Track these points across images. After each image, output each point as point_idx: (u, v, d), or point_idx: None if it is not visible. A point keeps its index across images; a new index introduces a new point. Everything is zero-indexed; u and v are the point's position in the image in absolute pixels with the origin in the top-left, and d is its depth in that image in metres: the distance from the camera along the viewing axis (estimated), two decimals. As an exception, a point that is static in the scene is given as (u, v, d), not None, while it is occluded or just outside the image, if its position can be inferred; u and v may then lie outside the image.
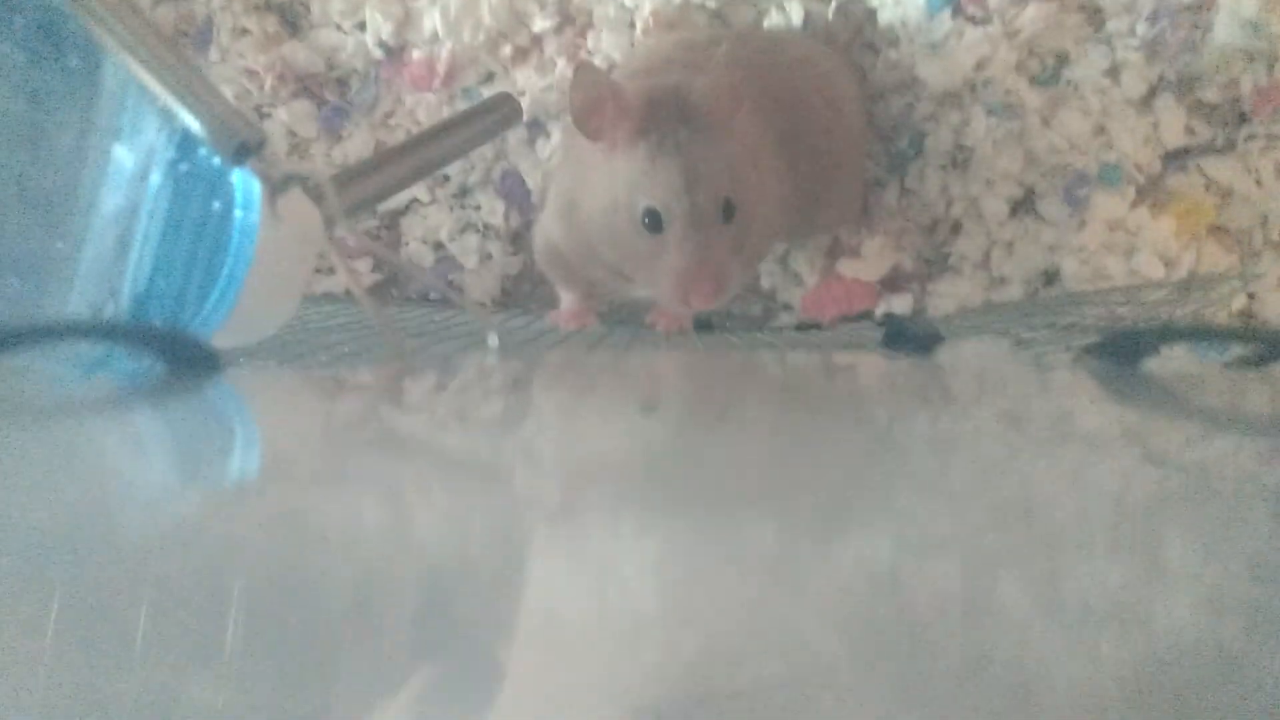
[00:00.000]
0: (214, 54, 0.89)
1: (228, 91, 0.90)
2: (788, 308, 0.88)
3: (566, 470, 0.23)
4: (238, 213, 0.32)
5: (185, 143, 0.31)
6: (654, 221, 0.55)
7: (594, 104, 0.56)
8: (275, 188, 0.29)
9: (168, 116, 0.30)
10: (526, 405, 0.28)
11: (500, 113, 0.59)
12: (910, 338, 0.42)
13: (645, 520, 0.19)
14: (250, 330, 0.38)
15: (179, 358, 0.24)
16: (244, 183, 0.31)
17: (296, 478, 0.20)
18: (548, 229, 0.67)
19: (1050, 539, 0.18)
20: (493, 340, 0.37)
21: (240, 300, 0.34)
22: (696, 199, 0.55)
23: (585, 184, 0.60)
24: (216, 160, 0.30)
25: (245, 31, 0.89)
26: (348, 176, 0.50)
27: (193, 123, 0.29)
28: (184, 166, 0.31)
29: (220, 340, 0.35)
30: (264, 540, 0.17)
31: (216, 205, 0.32)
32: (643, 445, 0.22)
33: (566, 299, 0.71)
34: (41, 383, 0.25)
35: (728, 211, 0.56)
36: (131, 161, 0.31)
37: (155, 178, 0.32)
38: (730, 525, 0.18)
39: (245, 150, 0.29)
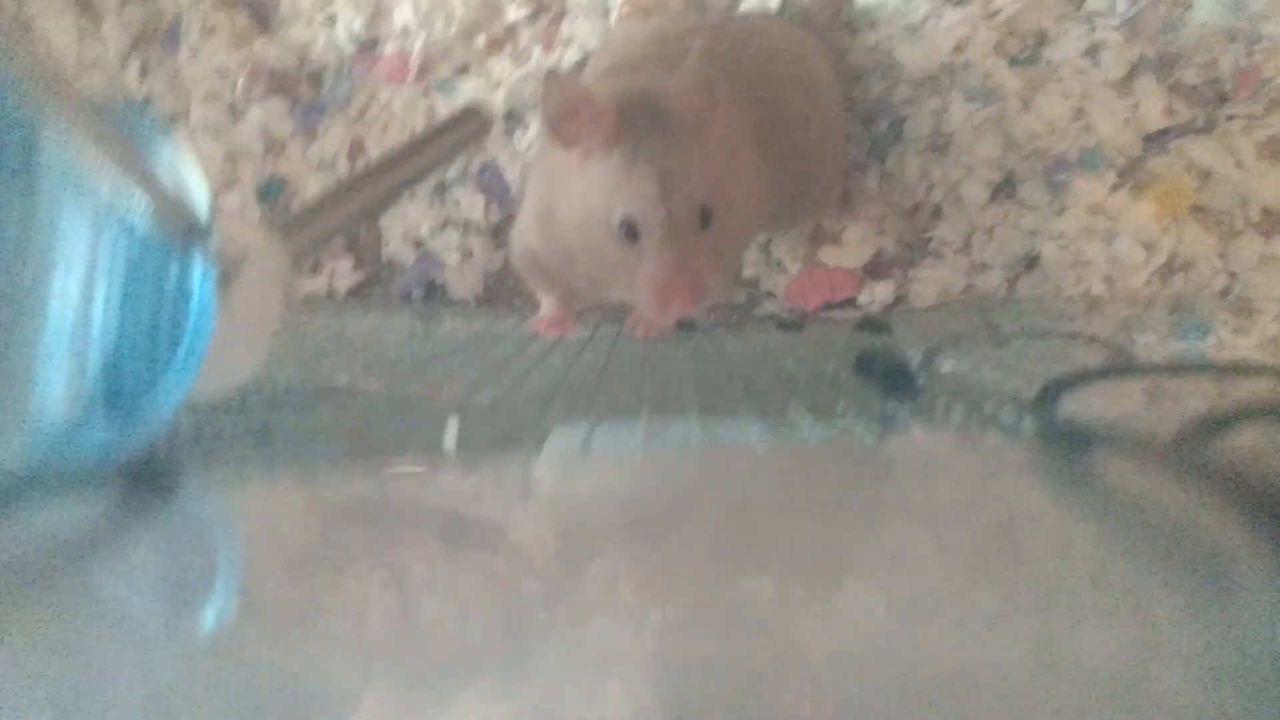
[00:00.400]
0: (184, 53, 0.88)
1: (200, 91, 0.89)
2: (770, 295, 0.88)
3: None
4: (194, 287, 0.32)
5: (132, 219, 0.31)
6: (630, 230, 0.55)
7: (566, 112, 0.55)
8: (225, 274, 0.29)
9: (114, 194, 0.30)
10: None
11: (468, 127, 0.59)
12: (880, 370, 0.42)
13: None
14: (218, 383, 0.38)
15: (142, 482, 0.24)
16: (195, 263, 0.31)
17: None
18: (524, 235, 0.66)
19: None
20: (451, 434, 0.36)
21: (203, 366, 0.34)
22: (673, 207, 0.54)
23: (560, 192, 0.59)
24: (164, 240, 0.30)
25: (214, 29, 0.87)
26: (314, 207, 0.50)
27: (136, 208, 0.29)
28: (134, 245, 0.31)
29: (193, 391, 0.35)
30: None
31: (170, 281, 0.32)
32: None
33: (546, 303, 0.71)
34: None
35: (705, 218, 0.55)
36: (81, 241, 0.31)
37: (106, 254, 0.31)
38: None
39: (191, 236, 0.29)
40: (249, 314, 0.31)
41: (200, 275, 0.30)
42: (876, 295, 0.85)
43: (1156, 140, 0.76)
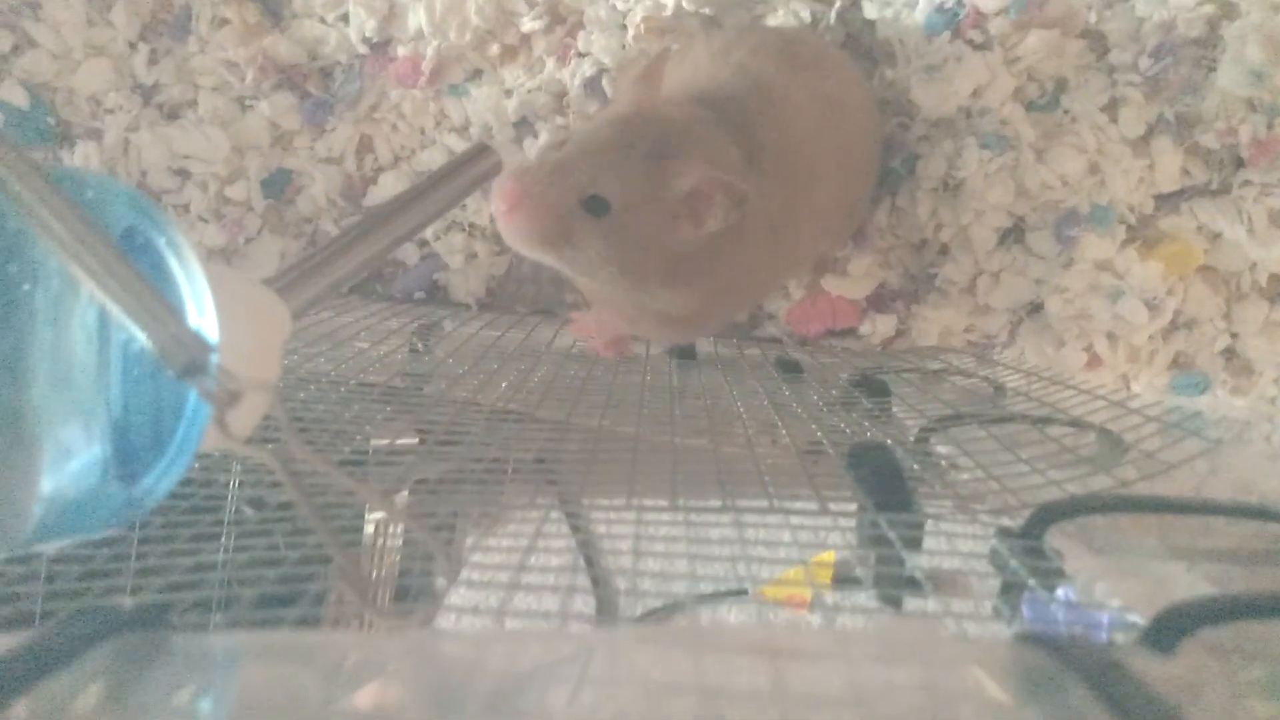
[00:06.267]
0: (192, 44, 0.86)
1: (208, 81, 0.88)
2: (771, 317, 0.88)
3: None
4: (189, 399, 0.32)
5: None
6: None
7: (634, 75, 0.60)
8: (223, 406, 0.29)
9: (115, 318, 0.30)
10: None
11: (480, 167, 0.58)
12: (872, 470, 0.42)
13: None
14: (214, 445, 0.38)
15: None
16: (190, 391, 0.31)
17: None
18: None
19: None
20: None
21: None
22: (585, 159, 0.55)
23: None
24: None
25: (225, 22, 0.86)
26: (326, 256, 0.50)
27: (140, 335, 0.29)
28: (134, 347, 0.31)
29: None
30: None
31: (166, 390, 0.32)
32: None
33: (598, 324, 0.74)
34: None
35: (593, 206, 0.55)
36: (82, 338, 0.31)
37: (108, 352, 0.32)
38: None
39: (193, 368, 0.29)
40: (243, 421, 0.31)
41: (194, 401, 0.31)
42: (878, 328, 0.84)
43: (1169, 200, 0.75)
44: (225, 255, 0.89)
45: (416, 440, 0.62)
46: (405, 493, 0.56)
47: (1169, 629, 0.28)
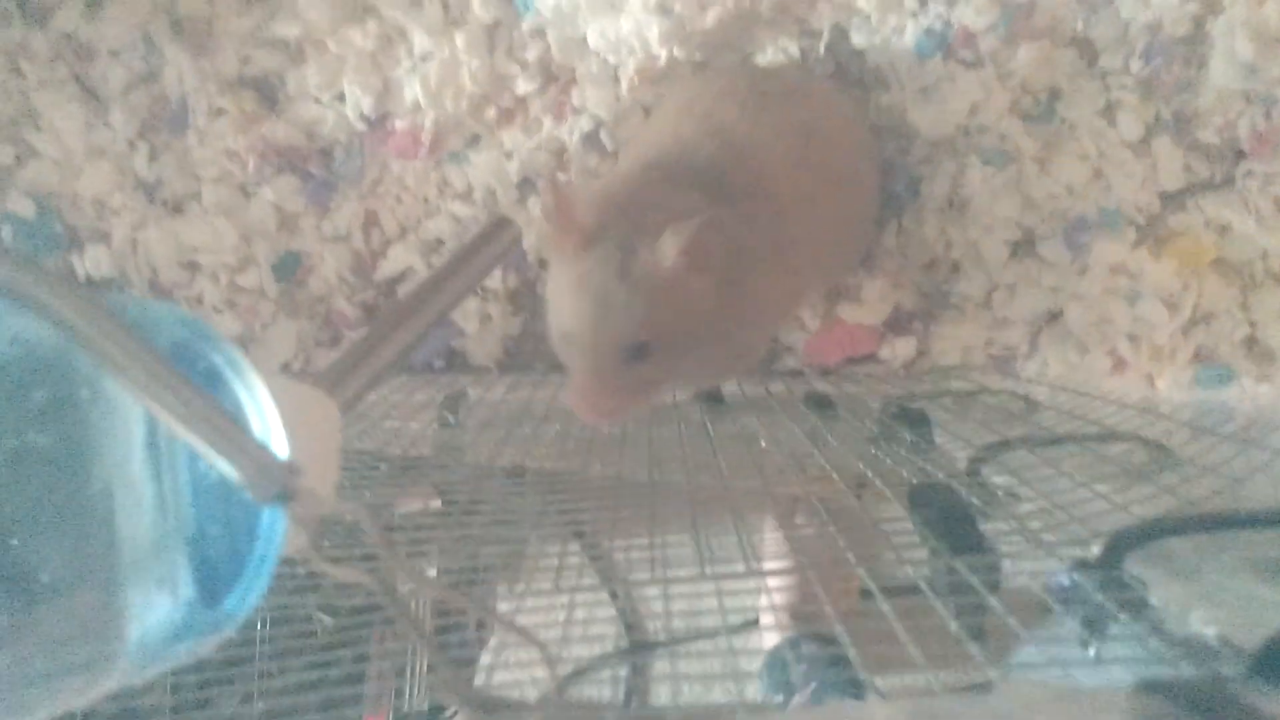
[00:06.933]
0: (191, 137, 0.87)
1: (210, 172, 0.88)
2: (789, 350, 0.89)
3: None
4: (263, 516, 0.32)
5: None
6: (569, 340, 0.57)
7: (551, 211, 0.57)
8: (316, 532, 0.29)
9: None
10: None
11: (501, 240, 0.58)
12: (939, 510, 0.43)
13: None
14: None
15: None
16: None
17: None
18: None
19: None
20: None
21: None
22: (600, 340, 0.55)
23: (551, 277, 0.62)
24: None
25: (221, 111, 0.87)
26: (363, 348, 0.50)
27: (226, 469, 0.30)
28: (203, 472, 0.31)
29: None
30: None
31: (237, 507, 0.32)
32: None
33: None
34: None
35: (638, 352, 0.56)
36: (149, 471, 0.31)
37: (177, 477, 0.32)
38: None
39: (283, 496, 0.29)
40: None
41: (268, 518, 0.31)
42: (898, 351, 0.85)
43: (1175, 198, 0.76)
44: (242, 343, 0.89)
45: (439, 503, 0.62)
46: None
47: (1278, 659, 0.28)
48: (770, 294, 0.65)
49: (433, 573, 0.58)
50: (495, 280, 0.89)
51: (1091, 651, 0.32)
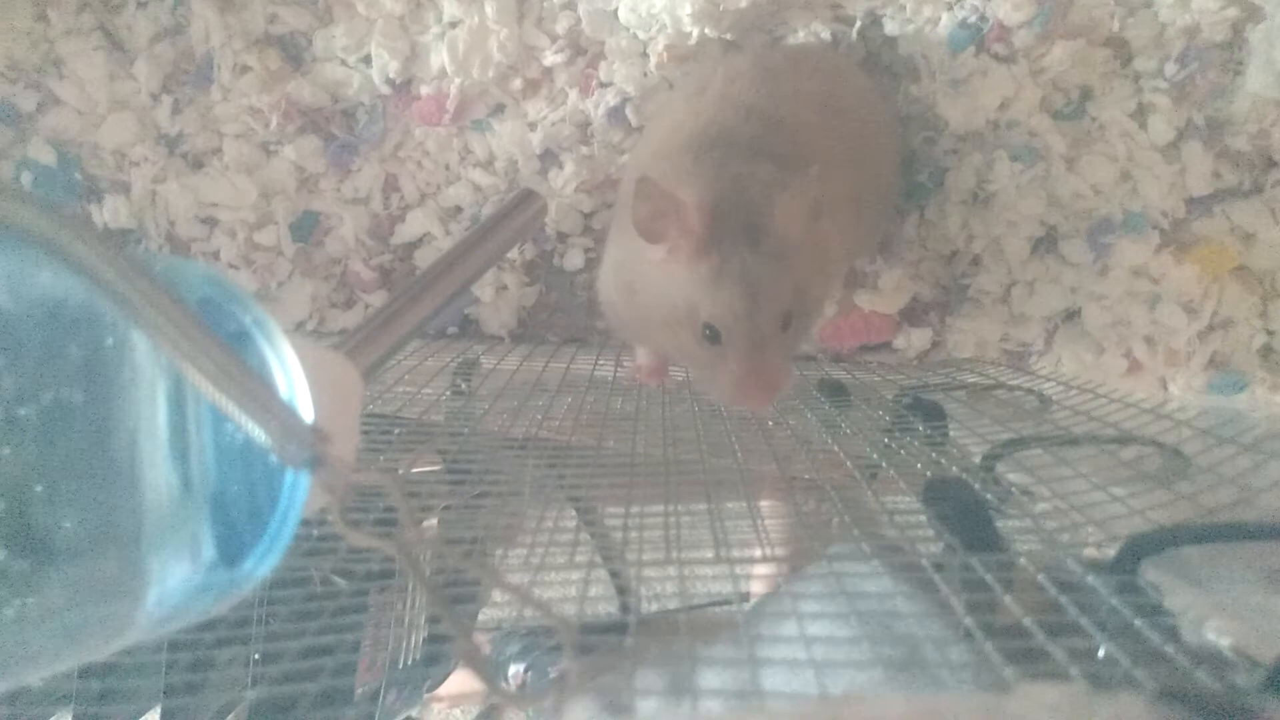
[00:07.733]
0: (215, 93, 0.86)
1: (233, 129, 0.88)
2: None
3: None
4: (285, 477, 0.32)
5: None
6: (713, 334, 0.55)
7: (657, 215, 0.54)
8: (342, 498, 0.29)
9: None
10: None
11: (527, 212, 0.58)
12: (954, 505, 0.43)
13: None
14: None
15: None
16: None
17: None
18: (611, 298, 0.65)
19: None
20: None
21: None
22: (757, 319, 0.54)
23: (643, 275, 0.59)
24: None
25: (247, 69, 0.86)
26: (387, 315, 0.50)
27: (257, 433, 0.30)
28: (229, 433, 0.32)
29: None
30: None
31: (258, 465, 0.32)
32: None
33: (641, 353, 0.72)
34: None
35: (786, 323, 0.55)
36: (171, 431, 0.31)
37: (202, 437, 0.32)
38: None
39: (312, 461, 0.29)
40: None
41: (290, 480, 0.31)
42: (913, 342, 0.85)
43: (1201, 203, 0.76)
44: (257, 300, 0.89)
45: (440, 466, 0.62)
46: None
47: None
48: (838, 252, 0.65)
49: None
50: (513, 250, 0.89)
51: (1103, 655, 0.32)
